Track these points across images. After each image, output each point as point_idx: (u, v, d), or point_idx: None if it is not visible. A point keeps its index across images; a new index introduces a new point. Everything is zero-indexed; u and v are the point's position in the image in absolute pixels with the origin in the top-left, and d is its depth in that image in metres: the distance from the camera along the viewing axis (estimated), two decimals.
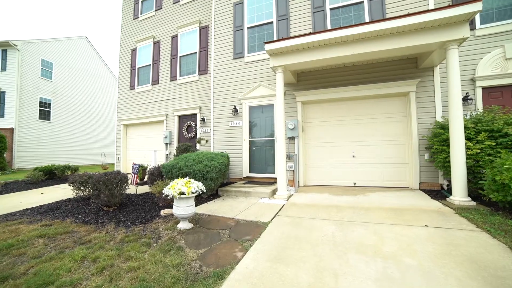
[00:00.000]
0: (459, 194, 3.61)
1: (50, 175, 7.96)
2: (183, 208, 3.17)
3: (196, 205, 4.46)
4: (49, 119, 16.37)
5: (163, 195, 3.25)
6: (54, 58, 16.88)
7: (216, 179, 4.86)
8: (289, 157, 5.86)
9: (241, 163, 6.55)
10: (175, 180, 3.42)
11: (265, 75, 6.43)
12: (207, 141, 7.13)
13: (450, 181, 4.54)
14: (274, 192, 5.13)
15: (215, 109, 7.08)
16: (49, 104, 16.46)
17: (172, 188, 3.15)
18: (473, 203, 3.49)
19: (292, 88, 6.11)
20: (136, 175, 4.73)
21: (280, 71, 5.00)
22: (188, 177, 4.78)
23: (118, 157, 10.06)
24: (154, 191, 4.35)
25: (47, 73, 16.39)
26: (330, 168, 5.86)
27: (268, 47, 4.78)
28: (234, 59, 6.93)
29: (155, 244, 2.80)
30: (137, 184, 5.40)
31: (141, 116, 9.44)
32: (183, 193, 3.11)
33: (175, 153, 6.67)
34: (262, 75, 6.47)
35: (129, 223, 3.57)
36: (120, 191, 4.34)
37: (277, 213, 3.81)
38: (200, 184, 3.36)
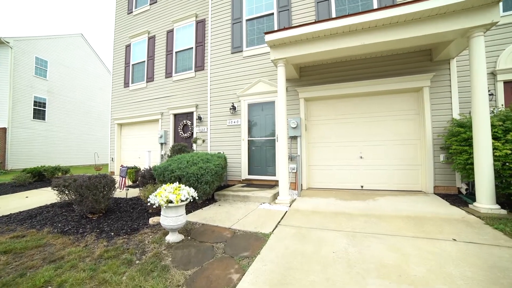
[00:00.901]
0: (486, 201, 3.19)
1: (39, 177, 7.56)
2: (171, 219, 2.76)
3: (190, 211, 4.05)
4: (44, 119, 15.97)
5: (148, 204, 2.84)
6: (49, 56, 16.46)
7: (212, 183, 4.45)
8: (291, 158, 5.45)
9: (239, 164, 6.14)
10: (163, 185, 3.01)
11: (265, 70, 6.01)
12: (203, 141, 6.72)
13: (469, 185, 4.12)
14: (275, 196, 4.72)
15: (212, 107, 6.66)
16: (44, 103, 16.05)
17: (159, 195, 2.74)
18: (504, 212, 3.07)
19: (295, 84, 5.69)
20: (124, 179, 4.32)
21: (282, 64, 4.58)
22: (181, 180, 4.38)
23: (112, 158, 9.66)
24: (143, 197, 3.95)
25: (42, 71, 15.98)
26: (336, 170, 5.45)
27: (268, 37, 4.36)
28: (232, 53, 6.51)
29: (137, 262, 2.40)
30: (127, 187, 4.99)
31: (135, 115, 9.03)
32: (171, 202, 2.70)
33: (169, 154, 6.27)
34: (262, 70, 6.05)
35: (112, 233, 3.16)
36: (106, 196, 3.93)
37: (279, 221, 3.40)
38: (191, 190, 2.94)
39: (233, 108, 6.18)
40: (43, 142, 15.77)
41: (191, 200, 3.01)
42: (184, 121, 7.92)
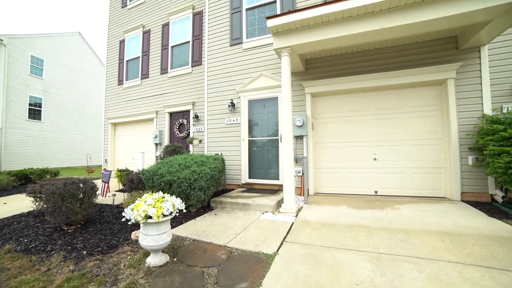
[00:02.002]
0: None
1: (26, 180, 7.07)
2: (152, 238, 2.22)
3: (181, 222, 3.51)
4: (39, 119, 15.55)
5: (124, 219, 2.30)
6: (45, 55, 16.05)
7: (207, 189, 3.91)
8: (296, 160, 4.89)
9: (239, 167, 5.59)
10: (145, 195, 2.48)
11: (267, 63, 5.47)
12: (200, 141, 6.19)
13: (506, 192, 3.54)
14: (279, 204, 4.17)
15: (209, 104, 6.13)
16: (40, 103, 15.64)
17: (136, 208, 2.20)
18: None
19: (300, 78, 5.14)
20: (107, 184, 3.80)
21: (286, 54, 4.03)
22: (172, 186, 3.85)
23: (106, 159, 9.16)
24: (126, 206, 3.41)
25: (38, 70, 15.57)
26: (346, 173, 4.88)
27: (271, 23, 3.82)
28: (231, 45, 5.97)
29: None
30: (113, 194, 4.47)
31: (129, 114, 8.53)
32: (150, 217, 2.16)
33: (161, 156, 5.75)
34: (264, 63, 5.51)
35: (85, 252, 2.63)
36: (85, 205, 3.41)
37: (285, 237, 2.85)
38: (177, 201, 2.40)
39: (232, 105, 5.65)
40: (39, 142, 15.34)
41: (176, 214, 2.47)
42: (180, 120, 7.40)
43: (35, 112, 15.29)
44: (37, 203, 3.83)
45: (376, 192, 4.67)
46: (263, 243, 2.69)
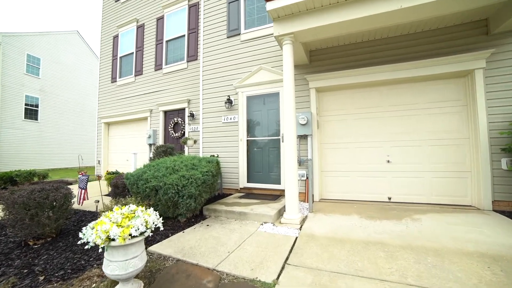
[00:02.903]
0: None
1: (11, 183, 6.66)
2: (118, 264, 1.73)
3: (167, 235, 3.03)
4: (36, 119, 15.24)
5: (80, 243, 1.82)
6: (42, 54, 15.74)
7: (199, 196, 3.43)
8: (300, 162, 4.39)
9: (237, 169, 5.10)
10: (115, 208, 2.00)
11: (268, 56, 4.97)
12: (195, 141, 5.71)
13: None
14: (280, 213, 3.67)
15: (204, 101, 5.66)
16: (37, 102, 15.33)
17: (97, 228, 1.72)
18: None
19: (304, 71, 4.63)
20: (84, 191, 3.33)
21: (289, 42, 3.53)
22: (158, 192, 3.37)
23: (99, 160, 8.74)
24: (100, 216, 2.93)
25: (34, 69, 15.26)
26: (356, 177, 4.36)
27: (271, 5, 3.32)
28: (228, 37, 5.49)
29: None
30: (96, 199, 4.00)
31: (123, 113, 8.09)
32: (113, 240, 1.68)
33: (151, 157, 5.29)
34: (264, 56, 5.01)
35: (42, 277, 2.16)
36: (55, 215, 2.94)
37: (287, 258, 2.35)
38: (152, 218, 1.91)
39: (229, 101, 5.16)
40: (36, 143, 15.02)
41: (151, 234, 1.98)
42: (175, 118, 6.93)
43: (31, 112, 14.98)
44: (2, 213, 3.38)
45: (389, 198, 4.14)
46: (260, 266, 2.19)
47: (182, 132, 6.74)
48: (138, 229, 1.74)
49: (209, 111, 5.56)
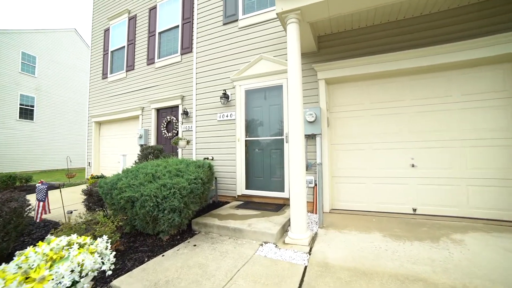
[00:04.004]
0: None
1: None
2: None
3: (142, 260, 2.40)
4: (32, 119, 14.81)
5: None
6: (38, 52, 15.32)
7: (185, 208, 2.80)
8: (307, 167, 3.74)
9: (234, 174, 4.47)
10: (42, 242, 1.38)
11: (269, 43, 4.33)
12: (188, 142, 5.09)
13: None
14: (284, 229, 3.02)
15: (198, 96, 5.04)
16: (32, 102, 14.90)
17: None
18: None
19: (311, 60, 3.98)
20: (43, 203, 2.73)
21: (294, 20, 2.88)
22: (134, 205, 2.75)
23: (89, 162, 8.19)
24: (58, 235, 2.32)
25: (29, 67, 14.84)
26: (373, 184, 3.70)
27: None
28: (224, 24, 4.86)
29: None
30: (70, 210, 3.40)
31: (114, 111, 7.52)
32: None
33: (136, 160, 4.69)
34: (265, 44, 4.37)
35: None
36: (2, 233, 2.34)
37: None
38: (91, 260, 1.28)
39: (225, 96, 4.52)
40: (31, 143, 14.58)
41: (95, 276, 1.34)
42: (168, 117, 6.33)
43: (26, 111, 14.55)
44: None
45: (414, 210, 3.46)
46: None
47: (176, 131, 6.14)
48: (61, 282, 1.10)
49: (203, 108, 4.94)
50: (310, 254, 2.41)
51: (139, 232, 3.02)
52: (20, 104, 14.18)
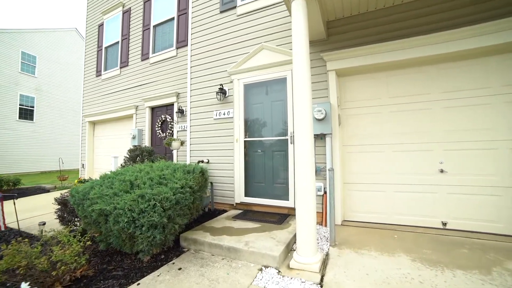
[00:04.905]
0: None
1: None
2: None
3: None
4: (32, 119, 14.61)
5: None
6: (38, 52, 15.13)
7: (170, 223, 2.31)
8: (315, 172, 3.21)
9: (231, 179, 3.97)
10: None
11: (271, 32, 3.83)
12: (182, 143, 4.63)
13: None
14: (289, 248, 2.51)
15: (193, 92, 4.57)
16: (32, 102, 14.71)
17: None
18: None
19: (319, 49, 3.46)
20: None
21: None
22: (108, 219, 2.28)
23: (83, 164, 7.82)
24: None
25: (29, 67, 14.65)
26: (393, 192, 3.15)
27: None
28: (221, 12, 4.38)
29: None
30: (42, 221, 2.96)
31: (108, 110, 7.12)
32: None
33: (122, 164, 4.25)
34: (266, 32, 3.87)
35: None
36: None
37: None
38: None
39: (222, 92, 4.03)
40: (31, 144, 14.37)
41: None
42: (163, 116, 5.88)
43: (26, 112, 14.36)
44: None
45: (444, 224, 2.91)
46: None
47: (171, 131, 5.67)
48: None
49: (198, 105, 4.47)
50: (322, 286, 1.89)
51: (117, 250, 2.55)
52: (20, 105, 14.00)
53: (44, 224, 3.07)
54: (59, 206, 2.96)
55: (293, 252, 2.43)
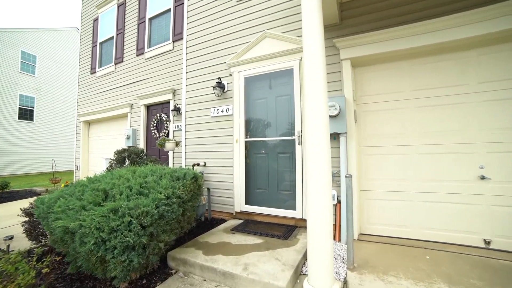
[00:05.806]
0: None
1: None
2: None
3: None
4: (32, 119, 14.41)
5: None
6: (38, 51, 14.94)
7: (153, 241, 1.87)
8: None
9: (231, 184, 3.51)
10: None
11: (275, 17, 3.36)
12: (177, 143, 4.19)
13: None
14: (297, 272, 2.04)
15: (189, 88, 4.14)
16: (32, 102, 14.51)
17: None
18: None
19: (332, 35, 2.98)
20: None
21: None
22: (74, 237, 1.84)
23: (77, 166, 7.46)
24: None
25: (29, 67, 14.46)
26: (421, 202, 2.65)
27: None
28: None
29: None
30: (10, 236, 2.54)
31: (102, 109, 6.75)
32: None
33: (108, 168, 3.83)
34: (269, 18, 3.41)
35: None
36: None
37: None
38: None
39: (220, 86, 3.58)
40: (30, 145, 14.16)
41: None
42: (159, 114, 5.46)
43: (26, 112, 14.16)
44: None
45: (488, 242, 2.40)
46: None
47: (167, 131, 5.25)
48: None
49: (194, 102, 4.03)
50: None
51: (89, 274, 2.11)
52: (20, 105, 13.80)
53: (11, 238, 2.65)
54: (27, 218, 2.55)
55: (302, 277, 1.97)
